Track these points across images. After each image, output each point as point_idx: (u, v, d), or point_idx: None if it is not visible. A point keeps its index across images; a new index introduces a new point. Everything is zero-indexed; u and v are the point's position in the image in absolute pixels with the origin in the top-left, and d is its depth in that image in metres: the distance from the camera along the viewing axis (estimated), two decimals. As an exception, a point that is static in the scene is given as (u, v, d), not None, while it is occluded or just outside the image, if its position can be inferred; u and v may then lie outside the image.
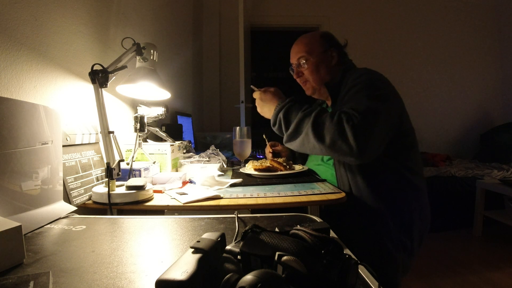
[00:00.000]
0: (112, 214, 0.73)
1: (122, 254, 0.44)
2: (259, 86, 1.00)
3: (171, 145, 1.05)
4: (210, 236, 0.35)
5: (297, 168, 1.11)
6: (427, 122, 3.39)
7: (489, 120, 3.45)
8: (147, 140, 1.12)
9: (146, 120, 0.93)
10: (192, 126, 2.18)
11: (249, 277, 0.26)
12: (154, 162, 0.98)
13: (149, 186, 0.78)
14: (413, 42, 3.39)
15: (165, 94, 0.98)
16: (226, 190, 0.85)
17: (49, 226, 0.57)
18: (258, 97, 0.97)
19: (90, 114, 0.89)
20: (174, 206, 0.73)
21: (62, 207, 0.64)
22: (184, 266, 0.30)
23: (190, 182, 0.97)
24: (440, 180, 2.42)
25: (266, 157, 1.32)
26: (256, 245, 0.34)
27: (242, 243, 0.35)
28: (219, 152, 1.25)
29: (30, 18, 0.69)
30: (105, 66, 0.73)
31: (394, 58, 3.36)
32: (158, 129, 1.04)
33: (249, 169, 1.12)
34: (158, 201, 0.76)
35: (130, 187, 0.74)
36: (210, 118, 3.20)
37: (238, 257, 0.35)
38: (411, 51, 3.39)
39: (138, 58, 0.86)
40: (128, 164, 0.87)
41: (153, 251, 0.46)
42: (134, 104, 1.20)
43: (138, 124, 0.90)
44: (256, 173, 1.06)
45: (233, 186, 0.91)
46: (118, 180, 0.77)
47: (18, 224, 0.41)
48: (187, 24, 2.47)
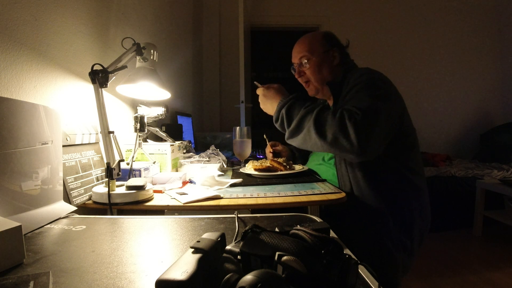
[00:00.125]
0: (112, 214, 0.73)
1: (122, 254, 0.44)
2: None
3: (171, 145, 1.05)
4: (210, 236, 0.35)
5: (297, 168, 1.11)
6: (427, 122, 3.40)
7: (489, 120, 3.45)
8: (147, 140, 1.12)
9: (146, 120, 0.93)
10: (192, 126, 2.18)
11: (249, 277, 0.26)
12: (154, 162, 0.98)
13: (149, 186, 0.78)
14: (413, 42, 3.39)
15: (165, 94, 0.98)
16: (226, 190, 0.85)
17: (49, 226, 0.57)
18: (261, 93, 0.97)
19: (90, 114, 0.89)
20: (174, 206, 0.73)
21: (62, 207, 0.64)
22: (184, 266, 0.30)
23: (190, 182, 0.97)
24: (440, 180, 2.42)
25: (266, 157, 1.32)
26: (256, 245, 0.34)
27: (242, 243, 0.35)
28: (219, 152, 1.25)
29: (30, 18, 0.69)
30: (105, 66, 0.73)
31: (394, 58, 3.36)
32: (158, 129, 1.04)
33: (249, 169, 1.12)
34: (158, 201, 0.76)
35: (130, 187, 0.74)
36: (210, 118, 3.20)
37: (238, 257, 0.35)
38: (411, 51, 3.39)
39: (138, 58, 0.86)
40: (128, 164, 0.87)
41: (153, 251, 0.46)
42: (134, 104, 1.20)
43: (138, 124, 0.90)
44: (256, 173, 1.06)
45: (233, 186, 0.91)
46: (118, 180, 0.77)
47: (18, 224, 0.41)
48: (187, 24, 2.47)
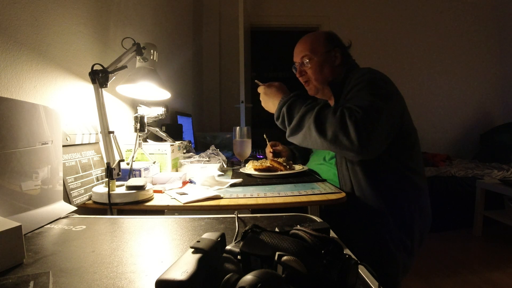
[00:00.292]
0: (112, 214, 0.73)
1: (122, 254, 0.44)
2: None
3: (171, 145, 1.05)
4: (210, 236, 0.35)
5: (297, 168, 1.11)
6: (427, 122, 3.39)
7: (489, 120, 3.45)
8: (147, 140, 1.12)
9: (146, 120, 0.93)
10: (192, 126, 2.18)
11: (249, 277, 0.26)
12: (154, 162, 0.98)
13: (149, 186, 0.78)
14: (413, 42, 3.39)
15: (165, 94, 0.98)
16: (226, 190, 0.85)
17: (49, 226, 0.57)
18: (262, 91, 0.97)
19: (90, 114, 0.89)
20: (174, 206, 0.73)
21: (62, 207, 0.64)
22: (184, 266, 0.30)
23: (190, 182, 0.97)
24: (440, 180, 2.42)
25: (267, 157, 1.32)
26: (256, 245, 0.34)
27: (242, 243, 0.35)
28: (219, 152, 1.25)
29: (30, 18, 0.69)
30: (105, 66, 0.73)
31: (394, 58, 3.36)
32: (158, 129, 1.04)
33: (249, 169, 1.12)
34: (158, 201, 0.76)
35: (130, 187, 0.74)
36: (210, 118, 3.20)
37: (238, 257, 0.35)
38: (411, 51, 3.39)
39: (138, 58, 0.86)
40: (128, 164, 0.87)
41: (153, 251, 0.46)
42: (134, 104, 1.20)
43: (138, 124, 0.90)
44: (256, 173, 1.06)
45: (233, 186, 0.91)
46: (118, 180, 0.77)
47: (18, 224, 0.41)
48: (187, 24, 2.47)
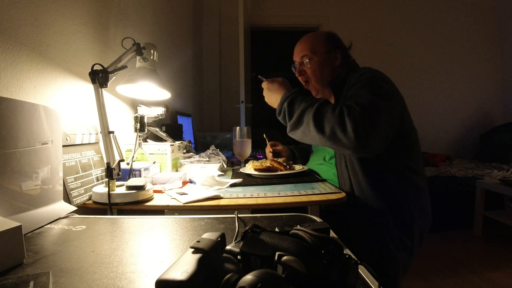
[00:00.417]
0: (112, 214, 0.73)
1: (122, 254, 0.44)
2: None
3: (171, 145, 1.05)
4: (210, 236, 0.35)
5: (297, 168, 1.11)
6: (427, 122, 3.39)
7: (489, 120, 3.45)
8: (147, 140, 1.12)
9: (146, 120, 0.93)
10: (192, 126, 2.18)
11: (249, 277, 0.26)
12: (154, 162, 0.98)
13: (149, 186, 0.78)
14: (413, 42, 3.39)
15: (165, 94, 0.98)
16: (226, 190, 0.85)
17: (49, 226, 0.57)
18: (265, 87, 0.98)
19: (90, 114, 0.89)
20: (174, 206, 0.73)
21: (62, 207, 0.64)
22: (184, 266, 0.30)
23: (190, 182, 0.97)
24: (440, 180, 2.42)
25: (266, 157, 1.32)
26: (256, 245, 0.34)
27: (242, 243, 0.35)
28: (219, 152, 1.25)
29: (30, 18, 0.69)
30: (105, 66, 0.73)
31: (394, 58, 3.36)
32: (158, 129, 1.04)
33: (249, 169, 1.12)
34: (158, 201, 0.76)
35: (130, 187, 0.74)
36: (210, 118, 3.20)
37: (238, 257, 0.35)
38: (411, 51, 3.39)
39: (138, 58, 0.86)
40: (128, 164, 0.87)
41: (153, 251, 0.46)
42: (134, 104, 1.20)
43: (138, 124, 0.90)
44: (256, 173, 1.06)
45: (233, 186, 0.91)
46: (118, 180, 0.77)
47: (18, 224, 0.41)
48: (187, 24, 2.47)
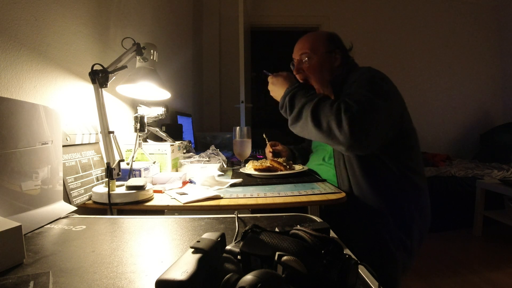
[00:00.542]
0: (112, 214, 0.73)
1: (122, 254, 0.44)
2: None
3: (171, 145, 1.05)
4: (210, 236, 0.35)
5: (297, 168, 1.11)
6: (427, 122, 3.39)
7: (489, 120, 3.45)
8: (147, 140, 1.12)
9: (146, 120, 0.93)
10: (192, 126, 2.18)
11: (249, 277, 0.26)
12: (154, 162, 0.98)
13: (149, 186, 0.78)
14: (413, 42, 3.39)
15: (165, 94, 0.98)
16: (226, 190, 0.85)
17: (49, 226, 0.57)
18: (270, 81, 0.99)
19: (90, 114, 0.89)
20: (174, 206, 0.73)
21: (62, 207, 0.64)
22: (184, 266, 0.30)
23: (190, 182, 0.97)
24: (440, 180, 2.42)
25: (266, 157, 1.32)
26: (256, 245, 0.34)
27: (242, 243, 0.35)
28: (219, 152, 1.25)
29: (30, 18, 0.69)
30: (105, 66, 0.73)
31: (394, 58, 3.36)
32: (158, 129, 1.04)
33: (249, 169, 1.12)
34: (158, 201, 0.76)
35: (130, 187, 0.74)
36: (210, 118, 3.20)
37: (238, 257, 0.35)
38: (411, 51, 3.39)
39: (138, 58, 0.86)
40: (128, 164, 0.87)
41: (153, 251, 0.46)
42: (134, 104, 1.20)
43: (138, 124, 0.90)
44: (256, 173, 1.06)
45: (233, 186, 0.91)
46: (118, 180, 0.77)
47: (18, 224, 0.41)
48: (187, 24, 2.47)
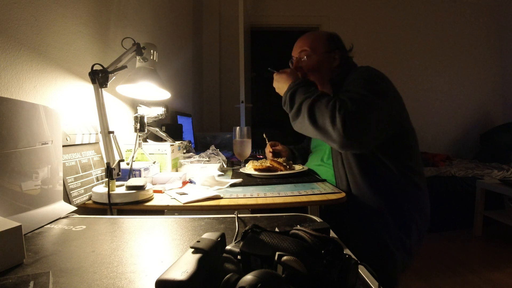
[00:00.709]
0: (112, 214, 0.73)
1: (122, 254, 0.44)
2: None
3: (171, 145, 1.05)
4: (210, 236, 0.35)
5: (297, 168, 1.11)
6: (427, 122, 3.39)
7: (489, 120, 3.45)
8: (147, 140, 1.12)
9: (146, 120, 0.93)
10: (192, 126, 2.18)
11: (249, 277, 0.26)
12: (154, 162, 0.98)
13: (149, 186, 0.78)
14: (413, 42, 3.39)
15: (165, 94, 0.98)
16: (226, 190, 0.85)
17: (49, 226, 0.57)
18: (275, 78, 1.00)
19: (90, 114, 0.89)
20: (174, 206, 0.73)
21: (62, 207, 0.64)
22: (184, 266, 0.30)
23: (190, 182, 0.97)
24: (440, 180, 2.42)
25: (266, 157, 1.32)
26: (256, 245, 0.34)
27: (242, 243, 0.35)
28: (219, 152, 1.25)
29: (30, 18, 0.69)
30: (105, 66, 0.73)
31: (394, 58, 3.36)
32: (158, 129, 1.03)
33: (249, 169, 1.12)
34: (158, 201, 0.76)
35: (130, 187, 0.74)
36: (210, 118, 3.20)
37: (238, 257, 0.35)
38: (411, 51, 3.39)
39: (138, 58, 0.86)
40: (128, 164, 0.87)
41: (153, 251, 0.46)
42: (134, 104, 1.20)
43: (138, 124, 0.90)
44: (256, 173, 1.06)
45: (233, 186, 0.91)
46: (118, 180, 0.77)
47: (18, 224, 0.41)
48: (187, 24, 2.47)
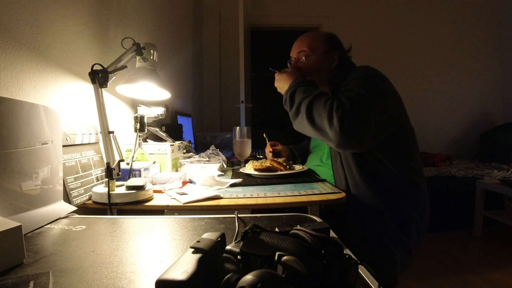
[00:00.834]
0: (112, 214, 0.73)
1: (122, 254, 0.44)
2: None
3: (171, 145, 1.05)
4: (210, 236, 0.35)
5: (297, 168, 1.11)
6: (427, 122, 3.39)
7: (489, 120, 3.45)
8: (147, 140, 1.12)
9: (146, 120, 0.93)
10: (192, 126, 2.18)
11: (249, 277, 0.26)
12: (154, 162, 0.98)
13: (149, 186, 0.78)
14: (413, 42, 3.39)
15: (165, 94, 0.98)
16: (226, 190, 0.85)
17: (49, 226, 0.57)
18: (276, 78, 1.01)
19: (90, 114, 0.89)
20: (174, 206, 0.73)
21: (62, 207, 0.64)
22: (184, 266, 0.30)
23: (190, 182, 0.97)
24: (440, 180, 2.42)
25: (266, 157, 1.32)
26: (256, 245, 0.34)
27: (242, 243, 0.35)
28: (219, 152, 1.25)
29: (30, 18, 0.69)
30: (105, 66, 0.73)
31: (394, 58, 3.36)
32: (158, 129, 1.03)
33: (249, 169, 1.12)
34: (158, 201, 0.76)
35: (130, 187, 0.74)
36: (210, 118, 3.20)
37: (238, 257, 0.35)
38: (411, 51, 3.39)
39: (138, 58, 0.86)
40: (128, 164, 0.87)
41: (153, 251, 0.46)
42: (134, 104, 1.20)
43: (138, 124, 0.90)
44: (256, 173, 1.06)
45: (233, 186, 0.91)
46: (118, 180, 0.77)
47: (18, 224, 0.41)
48: (187, 24, 2.47)
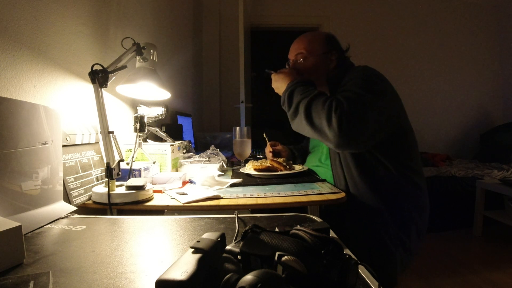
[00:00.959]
0: (112, 214, 0.73)
1: (122, 254, 0.44)
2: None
3: (171, 145, 1.05)
4: (210, 236, 0.35)
5: (297, 168, 1.11)
6: (427, 122, 3.39)
7: (489, 120, 3.45)
8: (147, 140, 1.12)
9: (146, 120, 0.93)
10: (192, 126, 2.18)
11: (249, 277, 0.26)
12: (154, 162, 0.98)
13: (149, 186, 0.78)
14: (413, 42, 3.39)
15: (165, 94, 0.98)
16: (226, 190, 0.85)
17: (49, 226, 0.57)
18: (273, 79, 1.00)
19: (90, 114, 0.89)
20: (174, 206, 0.73)
21: (62, 207, 0.64)
22: (184, 266, 0.30)
23: (190, 182, 0.97)
24: (440, 180, 2.42)
25: (266, 157, 1.32)
26: (256, 245, 0.34)
27: (242, 243, 0.35)
28: (219, 152, 1.25)
29: (30, 18, 0.69)
30: (105, 66, 0.73)
31: (394, 58, 3.36)
32: (158, 129, 1.03)
33: (249, 169, 1.12)
34: (158, 201, 0.76)
35: (130, 187, 0.74)
36: (210, 118, 3.20)
37: (238, 257, 0.35)
38: (411, 51, 3.39)
39: (138, 58, 0.86)
40: (128, 164, 0.87)
41: (153, 251, 0.46)
42: (134, 104, 1.20)
43: (138, 124, 0.90)
44: (256, 173, 1.06)
45: (233, 186, 0.91)
46: (118, 180, 0.77)
47: (18, 224, 0.41)
48: (187, 24, 2.47)
